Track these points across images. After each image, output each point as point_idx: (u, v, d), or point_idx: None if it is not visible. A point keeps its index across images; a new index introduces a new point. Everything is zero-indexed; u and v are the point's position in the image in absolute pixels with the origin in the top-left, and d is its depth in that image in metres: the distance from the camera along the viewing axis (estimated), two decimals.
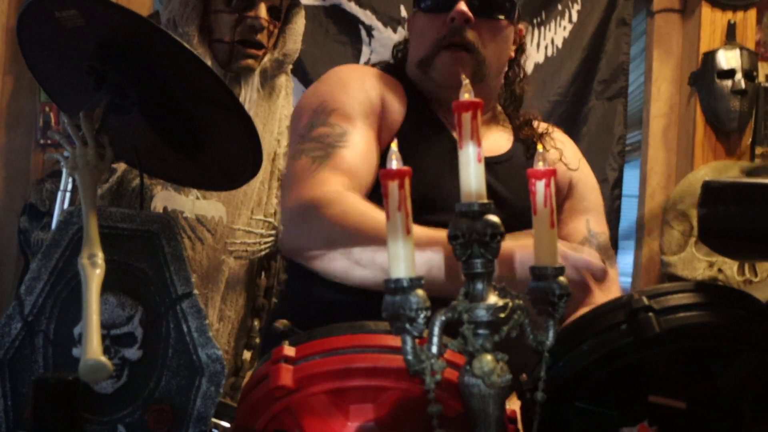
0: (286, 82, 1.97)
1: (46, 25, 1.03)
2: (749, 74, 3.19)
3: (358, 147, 1.37)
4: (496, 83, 1.56)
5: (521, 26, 1.57)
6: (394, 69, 1.56)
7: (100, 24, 1.02)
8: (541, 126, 1.61)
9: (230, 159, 1.17)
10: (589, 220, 1.54)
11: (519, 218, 1.10)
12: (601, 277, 1.17)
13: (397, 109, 1.46)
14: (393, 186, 0.72)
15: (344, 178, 1.32)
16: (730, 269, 2.99)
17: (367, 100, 1.43)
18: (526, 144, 1.56)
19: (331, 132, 1.37)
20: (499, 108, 1.62)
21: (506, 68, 1.57)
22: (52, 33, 1.05)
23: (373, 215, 1.22)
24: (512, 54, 1.57)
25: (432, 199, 1.35)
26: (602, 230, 1.55)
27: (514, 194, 1.44)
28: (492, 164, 1.47)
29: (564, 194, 1.55)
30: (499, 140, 1.55)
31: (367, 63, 3.19)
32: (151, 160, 1.21)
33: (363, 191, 1.34)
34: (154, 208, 1.75)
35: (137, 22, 0.99)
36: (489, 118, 1.57)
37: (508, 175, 1.48)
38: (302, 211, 1.30)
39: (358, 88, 1.44)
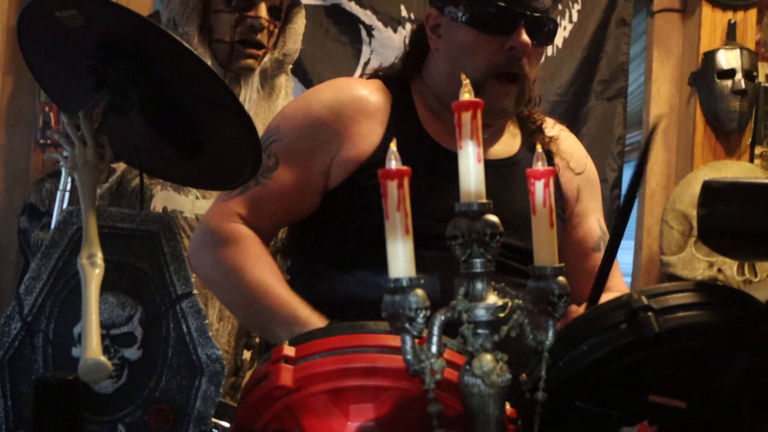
0: (286, 82, 1.97)
1: (46, 25, 1.03)
2: (749, 74, 3.19)
3: (280, 184, 1.39)
4: None
5: None
6: (398, 81, 1.50)
7: (100, 24, 1.02)
8: (548, 126, 1.56)
9: (230, 159, 1.17)
10: (599, 219, 1.56)
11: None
12: None
13: (366, 140, 1.40)
14: (392, 186, 0.72)
15: (250, 214, 1.38)
16: (729, 269, 2.99)
17: (319, 139, 1.40)
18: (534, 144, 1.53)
19: (264, 163, 1.36)
20: None
21: None
22: (52, 33, 1.05)
23: (258, 274, 1.33)
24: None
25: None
26: (604, 225, 1.58)
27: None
28: (507, 166, 1.46)
29: (575, 200, 1.54)
30: (510, 143, 1.52)
31: (367, 63, 3.19)
32: (151, 160, 1.20)
33: (270, 226, 1.43)
34: (153, 207, 1.75)
35: (137, 22, 0.99)
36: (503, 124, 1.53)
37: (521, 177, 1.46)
38: (203, 239, 1.41)
39: (316, 123, 1.41)
